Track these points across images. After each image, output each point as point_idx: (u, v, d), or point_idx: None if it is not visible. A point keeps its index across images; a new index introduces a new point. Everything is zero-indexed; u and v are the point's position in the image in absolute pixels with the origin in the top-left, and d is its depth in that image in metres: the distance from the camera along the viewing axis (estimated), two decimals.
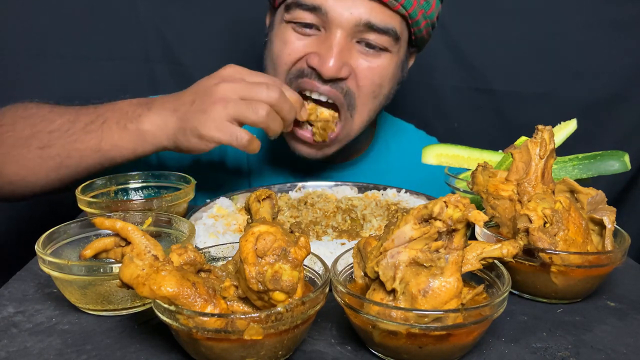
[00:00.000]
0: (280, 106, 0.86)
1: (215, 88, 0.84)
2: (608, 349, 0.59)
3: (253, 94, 0.85)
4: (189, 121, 0.84)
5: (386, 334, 0.53)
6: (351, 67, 0.99)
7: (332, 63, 0.95)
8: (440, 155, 0.94)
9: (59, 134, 0.90)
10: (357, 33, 0.98)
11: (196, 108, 0.85)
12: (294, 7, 0.99)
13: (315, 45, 0.99)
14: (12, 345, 0.58)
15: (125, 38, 1.48)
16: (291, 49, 1.00)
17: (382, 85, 1.04)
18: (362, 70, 1.00)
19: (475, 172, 0.74)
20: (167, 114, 0.87)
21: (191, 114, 0.84)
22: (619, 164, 0.82)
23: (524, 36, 1.49)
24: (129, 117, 0.88)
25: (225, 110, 0.83)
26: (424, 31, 1.05)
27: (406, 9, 0.98)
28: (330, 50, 0.96)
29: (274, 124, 0.87)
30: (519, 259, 0.66)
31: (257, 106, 0.84)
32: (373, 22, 0.96)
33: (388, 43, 1.00)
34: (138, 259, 0.53)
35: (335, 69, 0.96)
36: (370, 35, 0.98)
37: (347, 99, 1.01)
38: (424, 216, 0.53)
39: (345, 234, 0.81)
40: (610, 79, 1.50)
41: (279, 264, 0.51)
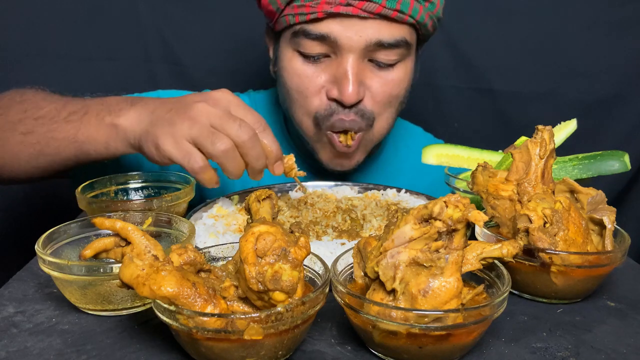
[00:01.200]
0: (246, 150, 0.78)
1: (193, 105, 0.80)
2: (608, 349, 0.59)
3: (223, 126, 0.78)
4: (155, 127, 0.80)
5: (386, 334, 0.53)
6: (366, 87, 1.00)
7: (351, 89, 0.95)
8: (440, 155, 0.94)
9: (42, 122, 0.89)
10: (368, 53, 0.97)
11: (168, 117, 0.80)
12: (300, 35, 0.97)
13: (328, 71, 0.99)
14: (12, 345, 0.58)
15: (125, 38, 1.48)
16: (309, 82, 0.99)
17: (398, 96, 1.04)
18: (377, 87, 1.00)
19: (475, 172, 0.74)
20: (144, 113, 0.83)
21: (160, 121, 0.80)
22: (619, 164, 0.82)
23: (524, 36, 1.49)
24: (110, 111, 0.85)
25: (189, 130, 0.77)
26: (431, 30, 1.06)
27: (414, 18, 0.97)
28: (346, 77, 0.96)
29: (231, 164, 0.78)
30: (519, 259, 0.66)
31: (218, 138, 0.77)
32: (383, 40, 0.96)
33: (399, 54, 0.99)
34: (138, 259, 0.53)
35: (355, 94, 0.96)
36: (381, 52, 0.97)
37: (368, 122, 1.02)
38: (424, 216, 0.53)
39: (345, 234, 0.81)
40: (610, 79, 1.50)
41: (279, 264, 0.51)
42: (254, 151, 0.79)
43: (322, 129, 1.02)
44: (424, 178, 1.15)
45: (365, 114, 1.01)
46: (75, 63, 1.47)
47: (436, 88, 1.55)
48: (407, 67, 1.03)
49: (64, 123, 0.88)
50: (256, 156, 0.79)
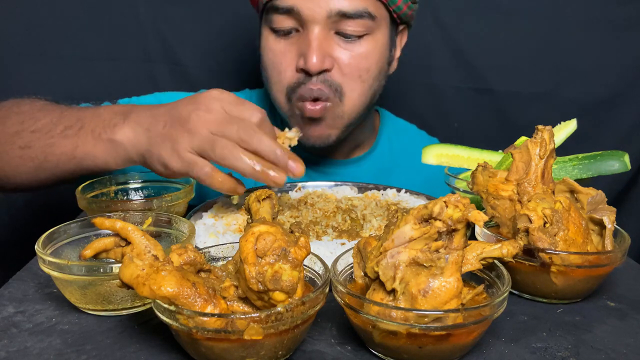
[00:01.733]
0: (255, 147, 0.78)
1: (188, 117, 0.79)
2: (608, 349, 0.59)
3: (222, 132, 0.78)
4: (156, 146, 0.80)
5: (386, 334, 0.53)
6: (333, 59, 1.02)
7: (314, 58, 0.99)
8: (440, 155, 0.94)
9: (39, 135, 0.89)
10: (332, 24, 1.00)
11: (165, 132, 0.80)
12: (271, 12, 1.02)
13: (297, 45, 1.02)
14: (12, 345, 0.58)
15: (125, 38, 1.48)
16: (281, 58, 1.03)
17: (368, 69, 1.05)
18: (344, 59, 1.02)
19: (475, 172, 0.74)
20: (140, 130, 0.83)
21: (159, 139, 0.80)
22: (619, 164, 0.82)
23: (524, 36, 1.49)
24: (104, 126, 0.85)
25: (190, 143, 0.78)
26: (404, 7, 1.06)
27: None
28: (310, 47, 0.99)
29: (240, 164, 0.77)
30: (519, 259, 0.66)
31: (218, 143, 0.76)
32: (345, 10, 0.99)
33: (365, 27, 1.01)
34: (138, 259, 0.53)
35: (318, 62, 0.99)
36: (346, 23, 1.00)
37: (335, 94, 1.04)
38: (424, 216, 0.53)
39: (345, 234, 0.81)
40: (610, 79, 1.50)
41: (279, 264, 0.51)
42: (264, 144, 0.78)
43: (293, 100, 1.05)
44: (419, 174, 1.15)
45: (332, 85, 1.03)
46: (75, 63, 1.47)
47: (436, 88, 1.55)
48: (376, 41, 1.05)
49: (61, 138, 0.88)
50: (268, 148, 0.78)
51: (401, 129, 1.31)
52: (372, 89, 1.09)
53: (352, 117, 1.08)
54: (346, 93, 1.04)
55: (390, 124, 1.31)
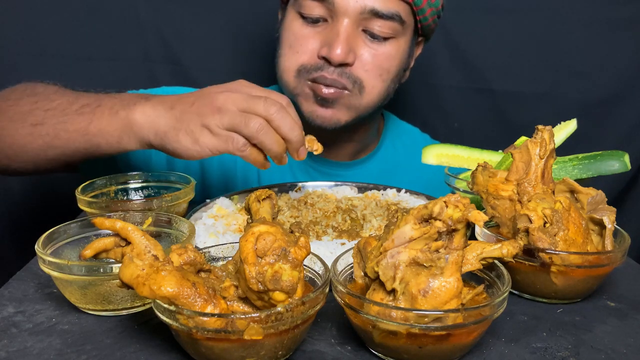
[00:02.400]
0: (278, 122, 0.80)
1: (216, 96, 0.82)
2: (608, 349, 0.59)
3: (250, 106, 0.81)
4: (184, 122, 0.81)
5: (386, 334, 0.53)
6: (356, 55, 1.03)
7: (339, 50, 1.00)
8: (440, 155, 0.94)
9: (53, 113, 0.89)
10: (362, 21, 1.01)
11: (194, 110, 0.82)
12: None
13: (323, 34, 1.03)
14: (12, 345, 0.58)
15: (125, 38, 1.48)
16: (303, 41, 1.04)
17: (389, 70, 1.07)
18: (367, 57, 1.04)
19: (475, 172, 0.74)
20: (162, 108, 0.83)
21: (188, 115, 0.81)
22: (619, 164, 0.82)
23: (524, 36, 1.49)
24: (124, 105, 0.85)
25: (221, 119, 0.80)
26: (430, 19, 1.08)
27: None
28: (337, 38, 1.00)
29: (269, 140, 0.80)
30: (519, 259, 0.66)
31: (249, 118, 0.79)
32: (378, 9, 1.00)
33: (393, 29, 1.03)
34: (138, 259, 0.53)
35: (343, 54, 1.00)
36: (375, 22, 1.01)
37: (355, 85, 1.04)
38: (424, 216, 0.53)
39: (345, 234, 0.81)
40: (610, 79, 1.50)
41: (279, 264, 0.51)
42: (287, 120, 0.81)
43: (303, 79, 1.06)
44: (422, 177, 1.16)
45: (351, 77, 1.04)
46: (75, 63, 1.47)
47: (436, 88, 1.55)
48: (399, 45, 1.07)
49: (76, 115, 0.87)
50: (290, 126, 0.81)
51: (404, 132, 1.32)
52: (389, 90, 1.11)
53: (367, 110, 1.09)
54: (367, 88, 1.06)
55: (394, 126, 1.31)
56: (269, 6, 1.28)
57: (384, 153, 1.26)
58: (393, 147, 1.28)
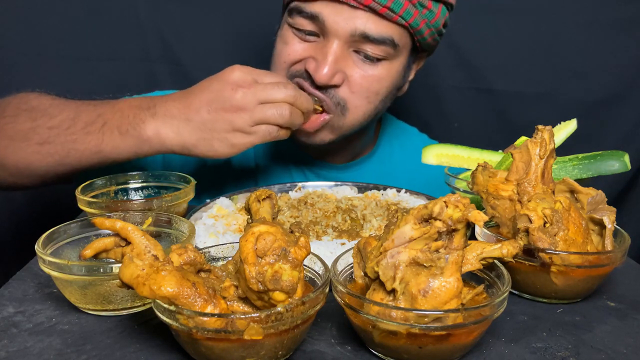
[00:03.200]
0: (300, 101, 0.89)
1: (232, 96, 0.84)
2: (608, 349, 0.59)
3: (271, 96, 0.86)
4: (214, 131, 0.86)
5: (386, 334, 0.53)
6: (345, 75, 1.00)
7: (325, 70, 0.97)
8: (440, 155, 0.94)
9: (58, 132, 0.89)
10: (353, 43, 0.98)
11: (217, 117, 0.85)
12: (295, 13, 1.01)
13: (313, 51, 1.01)
14: (12, 345, 0.58)
15: (125, 38, 1.48)
16: (291, 50, 1.03)
17: (378, 92, 1.04)
18: (356, 78, 1.01)
19: (475, 172, 0.74)
20: (177, 123, 0.86)
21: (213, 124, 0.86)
22: (619, 164, 0.82)
23: (524, 36, 1.49)
24: (131, 122, 0.87)
25: (251, 117, 0.85)
26: (429, 39, 1.05)
27: (405, 20, 0.97)
28: (325, 58, 0.98)
29: (297, 120, 0.91)
30: (519, 259, 0.66)
31: (280, 108, 0.87)
32: (369, 33, 0.97)
33: (385, 52, 1.00)
34: (138, 259, 0.53)
35: (328, 76, 0.98)
36: (367, 45, 0.98)
37: (337, 107, 1.02)
38: (424, 216, 0.53)
39: (345, 234, 0.81)
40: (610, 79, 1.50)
41: (279, 264, 0.51)
42: (303, 97, 0.91)
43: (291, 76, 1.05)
44: (420, 177, 1.15)
45: (335, 99, 1.02)
46: (75, 63, 1.47)
47: (436, 88, 1.55)
48: (392, 68, 1.03)
49: (83, 134, 0.89)
50: (306, 101, 0.92)
51: (402, 132, 1.31)
52: (377, 110, 1.08)
53: (351, 129, 1.08)
54: (350, 109, 1.03)
55: (392, 127, 1.30)
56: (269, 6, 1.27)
57: (381, 154, 1.25)
58: (391, 147, 1.27)
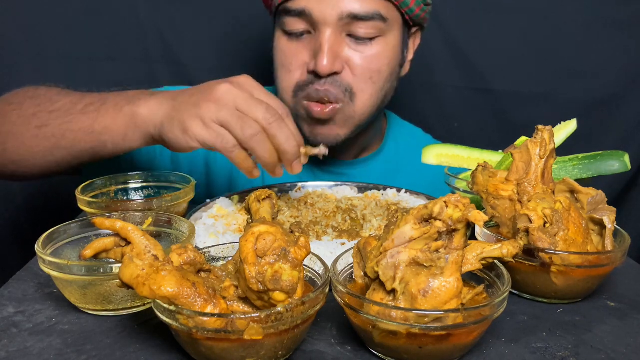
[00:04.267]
0: (275, 131, 0.77)
1: (217, 87, 0.80)
2: (608, 349, 0.59)
3: (249, 109, 0.78)
4: (179, 111, 0.79)
5: (386, 334, 0.53)
6: (345, 60, 1.02)
7: (325, 61, 0.99)
8: (440, 155, 0.94)
9: (58, 114, 0.89)
10: (344, 27, 1.00)
11: (192, 100, 0.80)
12: (283, 15, 1.02)
13: (309, 47, 1.02)
14: (12, 345, 0.58)
15: (125, 38, 1.48)
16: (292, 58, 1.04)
17: (380, 71, 1.05)
18: (355, 61, 1.02)
19: (475, 172, 0.74)
20: (164, 100, 0.83)
21: (184, 105, 0.80)
22: (619, 164, 0.82)
23: (524, 36, 1.49)
24: (129, 100, 0.84)
25: (217, 112, 0.77)
26: (416, 9, 1.06)
27: None
28: (321, 49, 0.99)
29: (262, 148, 0.77)
30: (519, 259, 0.66)
31: (246, 123, 0.76)
32: (356, 12, 0.98)
33: (377, 29, 1.01)
34: (138, 259, 0.53)
35: (329, 65, 0.99)
36: (358, 26, 1.00)
37: (345, 94, 1.03)
38: (424, 216, 0.53)
39: (345, 234, 0.81)
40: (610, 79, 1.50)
41: (279, 264, 0.51)
42: (283, 132, 0.78)
43: (299, 98, 1.05)
44: (425, 177, 1.16)
45: (342, 86, 1.03)
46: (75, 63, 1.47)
47: (436, 88, 1.55)
48: (387, 43, 1.05)
49: (80, 114, 0.87)
50: (285, 137, 0.78)
51: (408, 132, 1.32)
52: (384, 90, 1.09)
53: (363, 117, 1.08)
54: (357, 94, 1.04)
55: (398, 127, 1.32)
56: None
57: (387, 152, 1.26)
58: (396, 146, 1.28)
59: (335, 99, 1.03)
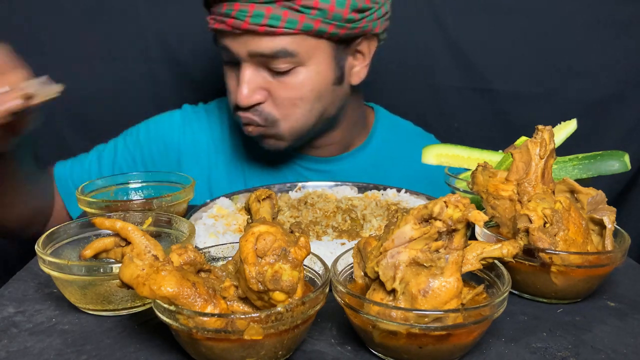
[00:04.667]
0: None
1: None
2: (608, 349, 0.59)
3: None
4: None
5: (386, 334, 0.53)
6: (267, 91, 1.04)
7: (244, 92, 1.02)
8: (440, 155, 0.94)
9: None
10: (260, 62, 1.02)
11: None
12: (219, 49, 1.06)
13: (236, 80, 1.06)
14: (12, 345, 0.58)
15: (125, 38, 1.48)
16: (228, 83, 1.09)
17: (302, 97, 1.04)
18: (276, 91, 1.04)
19: (475, 172, 0.74)
20: None
21: None
22: (619, 164, 0.82)
23: (524, 36, 1.49)
24: None
25: None
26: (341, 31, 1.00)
27: (292, 28, 0.97)
28: (240, 82, 1.03)
29: None
30: (519, 259, 0.66)
31: None
32: (262, 51, 0.99)
33: (289, 62, 1.01)
34: (138, 259, 0.53)
35: (246, 97, 1.02)
36: (270, 61, 1.01)
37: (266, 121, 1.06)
38: (424, 216, 0.53)
39: (345, 234, 0.81)
40: (610, 79, 1.49)
41: (279, 264, 0.51)
42: None
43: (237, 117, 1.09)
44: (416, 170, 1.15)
45: (262, 115, 1.05)
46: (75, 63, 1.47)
47: (436, 88, 1.55)
48: (309, 71, 1.03)
49: None
50: None
51: (397, 125, 1.31)
52: (315, 110, 1.07)
53: (295, 135, 1.09)
54: (280, 120, 1.06)
55: (386, 120, 1.30)
56: None
57: (375, 146, 1.25)
58: (385, 140, 1.27)
59: (258, 125, 1.07)
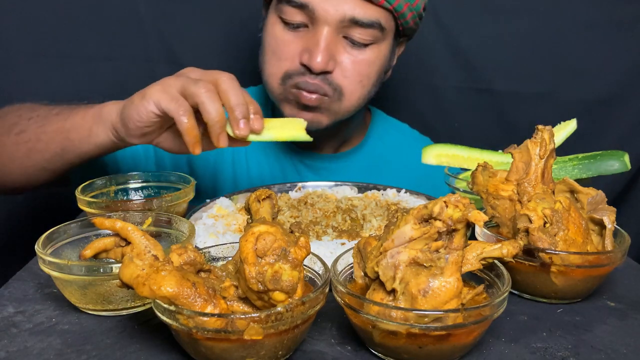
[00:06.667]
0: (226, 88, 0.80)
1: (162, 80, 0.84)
2: (608, 349, 0.59)
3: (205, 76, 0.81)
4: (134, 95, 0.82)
5: (386, 334, 0.53)
6: (337, 62, 1.03)
7: (320, 58, 1.00)
8: (440, 155, 0.94)
9: (35, 120, 0.92)
10: (342, 29, 1.01)
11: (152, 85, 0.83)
12: (283, 2, 1.02)
13: (304, 40, 1.03)
14: (12, 345, 0.58)
15: (125, 38, 1.48)
16: (285, 47, 1.04)
17: (369, 76, 1.07)
18: (347, 64, 1.04)
19: (475, 172, 0.74)
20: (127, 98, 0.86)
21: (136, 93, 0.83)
22: (619, 164, 0.82)
23: (524, 36, 1.49)
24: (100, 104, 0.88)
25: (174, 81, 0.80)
26: (411, 22, 1.08)
27: (390, 4, 1.01)
28: (317, 46, 1.00)
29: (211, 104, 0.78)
30: (519, 259, 0.66)
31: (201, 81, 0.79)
32: (358, 18, 0.99)
33: (373, 36, 1.03)
34: (138, 259, 0.53)
35: (323, 63, 1.00)
36: (355, 30, 1.01)
37: (335, 92, 1.05)
38: (424, 216, 0.53)
39: (345, 234, 0.81)
40: (610, 79, 1.50)
41: (279, 264, 0.51)
42: (235, 92, 0.79)
43: (287, 85, 1.06)
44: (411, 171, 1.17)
45: (332, 84, 1.04)
46: (75, 63, 1.47)
47: (436, 88, 1.55)
48: (380, 51, 1.06)
49: (54, 116, 0.91)
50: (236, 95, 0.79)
51: (393, 127, 1.33)
52: (370, 94, 1.11)
53: (347, 114, 1.11)
54: (346, 94, 1.06)
55: (382, 121, 1.32)
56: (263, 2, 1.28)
57: (371, 146, 1.27)
58: (381, 141, 1.28)
59: (325, 93, 1.05)
